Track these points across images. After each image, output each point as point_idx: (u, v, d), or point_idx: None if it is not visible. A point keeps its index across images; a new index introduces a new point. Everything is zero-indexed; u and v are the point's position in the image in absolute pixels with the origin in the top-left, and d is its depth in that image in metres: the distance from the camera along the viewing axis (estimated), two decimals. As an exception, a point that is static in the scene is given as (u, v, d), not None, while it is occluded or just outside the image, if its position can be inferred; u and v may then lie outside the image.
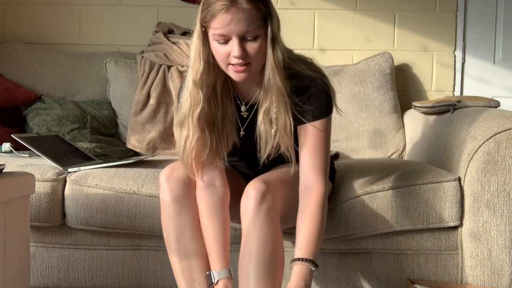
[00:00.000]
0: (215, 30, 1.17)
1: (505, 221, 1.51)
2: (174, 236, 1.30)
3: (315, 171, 1.27)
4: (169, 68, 2.25)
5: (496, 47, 2.52)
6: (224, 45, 1.19)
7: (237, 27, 1.16)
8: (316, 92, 1.27)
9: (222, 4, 1.14)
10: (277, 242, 1.23)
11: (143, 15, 2.50)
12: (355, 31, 2.49)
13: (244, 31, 1.16)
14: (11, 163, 1.62)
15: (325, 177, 1.29)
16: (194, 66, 1.24)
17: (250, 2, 1.15)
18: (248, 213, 1.22)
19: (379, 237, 1.57)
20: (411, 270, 1.59)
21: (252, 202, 1.21)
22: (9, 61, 2.35)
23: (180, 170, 1.32)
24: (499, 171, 1.50)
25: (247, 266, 1.20)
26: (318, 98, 1.27)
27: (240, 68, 1.20)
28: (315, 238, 1.22)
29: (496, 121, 1.52)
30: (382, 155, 2.19)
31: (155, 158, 2.01)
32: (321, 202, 1.25)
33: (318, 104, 1.27)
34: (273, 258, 1.21)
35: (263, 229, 1.21)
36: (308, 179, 1.28)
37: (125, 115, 2.25)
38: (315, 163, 1.28)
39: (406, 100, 2.39)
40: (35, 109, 2.13)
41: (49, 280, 1.62)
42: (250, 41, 1.18)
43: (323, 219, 1.25)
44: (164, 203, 1.31)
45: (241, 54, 1.17)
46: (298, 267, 1.19)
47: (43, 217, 1.54)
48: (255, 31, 1.18)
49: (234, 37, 1.17)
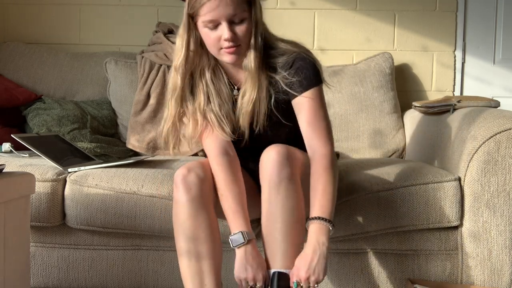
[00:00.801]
0: (204, 16, 1.26)
1: (505, 221, 1.51)
2: (188, 237, 1.27)
3: (317, 136, 1.33)
4: (169, 68, 2.24)
5: (496, 47, 2.52)
6: (214, 30, 1.28)
7: (225, 10, 1.25)
8: (303, 63, 1.35)
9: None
10: (301, 207, 1.27)
11: (143, 15, 2.50)
12: (355, 31, 2.49)
13: (232, 14, 1.26)
14: (11, 163, 1.62)
15: (328, 139, 1.34)
16: (176, 53, 1.36)
17: None
18: (271, 179, 1.25)
19: (379, 237, 1.57)
20: (411, 270, 1.59)
21: (275, 167, 1.24)
22: (9, 61, 2.35)
23: (196, 170, 1.31)
24: (499, 171, 1.50)
25: (273, 233, 1.24)
26: (306, 69, 1.34)
27: (232, 49, 1.29)
28: (328, 197, 1.26)
29: (496, 121, 1.52)
30: (382, 155, 2.19)
31: (155, 158, 2.01)
32: (329, 163, 1.30)
33: (306, 75, 1.34)
34: (297, 223, 1.25)
35: (287, 196, 1.24)
36: (312, 145, 1.33)
37: (125, 115, 2.25)
38: (316, 129, 1.33)
39: (406, 100, 2.39)
40: (35, 109, 2.13)
41: (49, 280, 1.62)
42: (238, 24, 1.28)
43: (335, 178, 1.29)
44: (180, 203, 1.29)
45: (231, 36, 1.27)
46: (315, 225, 1.23)
47: (43, 217, 1.54)
48: (242, 14, 1.27)
49: (223, 21, 1.26)
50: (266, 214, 1.27)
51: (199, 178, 1.30)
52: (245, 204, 1.32)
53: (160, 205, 1.52)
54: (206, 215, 1.29)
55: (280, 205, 1.24)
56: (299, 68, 1.34)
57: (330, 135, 1.34)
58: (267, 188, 1.26)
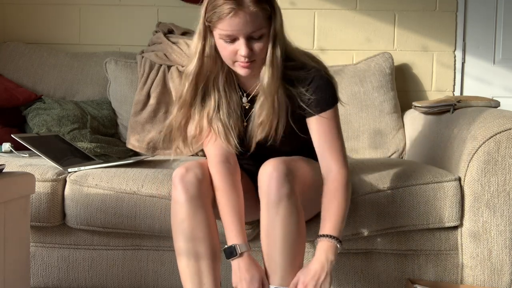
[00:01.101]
0: (222, 31, 1.22)
1: (505, 221, 1.51)
2: (186, 237, 1.27)
3: (331, 157, 1.32)
4: (169, 68, 2.25)
5: (496, 47, 2.52)
6: (230, 44, 1.24)
7: (244, 28, 1.21)
8: (321, 83, 1.32)
9: (229, 8, 1.18)
10: (301, 225, 1.26)
11: (143, 15, 2.50)
12: (355, 31, 2.49)
13: (250, 32, 1.22)
14: (11, 163, 1.62)
15: (344, 159, 1.33)
16: (189, 60, 1.32)
17: (256, 4, 1.19)
18: (269, 198, 1.23)
19: (379, 237, 1.57)
20: (411, 270, 1.59)
21: (273, 185, 1.22)
22: (9, 61, 2.35)
23: (195, 170, 1.30)
24: (499, 171, 1.50)
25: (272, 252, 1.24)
26: (324, 89, 1.32)
27: (247, 64, 1.25)
28: (340, 216, 1.26)
29: (496, 121, 1.52)
30: (382, 155, 2.19)
31: (155, 158, 2.01)
32: (344, 184, 1.30)
33: (324, 95, 1.32)
34: (297, 241, 1.25)
35: (286, 216, 1.22)
36: (326, 165, 1.33)
37: (125, 115, 2.25)
38: (330, 150, 1.33)
39: (406, 100, 2.39)
40: (35, 109, 2.13)
41: (49, 280, 1.62)
42: (256, 40, 1.24)
43: (347, 200, 1.30)
44: (178, 203, 1.28)
45: (248, 53, 1.23)
46: (324, 243, 1.24)
47: (43, 217, 1.54)
48: (261, 30, 1.23)
49: (241, 37, 1.22)
50: (266, 232, 1.25)
51: (197, 178, 1.29)
52: (242, 215, 1.30)
53: (160, 205, 1.52)
54: (204, 215, 1.28)
55: (279, 226, 1.22)
56: (317, 88, 1.32)
57: (344, 156, 1.34)
58: (265, 206, 1.25)
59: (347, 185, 1.30)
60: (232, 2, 1.18)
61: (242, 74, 1.29)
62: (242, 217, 1.30)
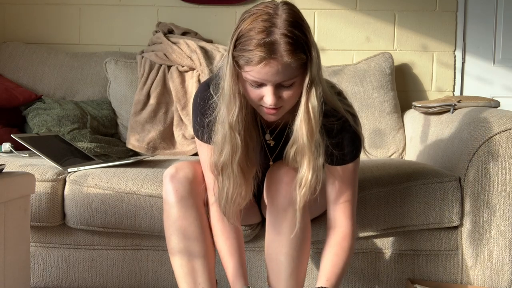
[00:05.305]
0: (249, 75, 1.08)
1: (505, 221, 1.51)
2: (178, 238, 1.26)
3: (342, 211, 1.27)
4: (169, 68, 2.25)
5: (496, 47, 2.52)
6: (256, 88, 1.10)
7: (273, 77, 1.06)
8: (348, 137, 1.22)
9: (261, 57, 1.03)
10: (307, 230, 1.24)
11: (143, 15, 2.50)
12: (355, 31, 2.49)
13: (280, 81, 1.07)
14: (11, 163, 1.62)
15: (353, 218, 1.28)
16: (229, 107, 1.13)
17: (291, 55, 1.04)
18: (278, 203, 1.21)
19: (379, 237, 1.57)
20: (411, 270, 1.59)
21: (284, 190, 1.20)
22: (9, 61, 2.35)
23: (185, 170, 1.28)
24: (499, 171, 1.50)
25: (278, 257, 1.22)
26: (350, 144, 1.23)
27: (272, 111, 1.12)
28: (339, 270, 1.23)
29: (496, 121, 1.52)
30: (382, 155, 2.19)
31: (155, 158, 2.01)
32: (349, 244, 1.26)
33: (349, 150, 1.23)
34: (303, 246, 1.23)
35: (294, 221, 1.19)
36: (336, 219, 1.27)
37: (125, 115, 2.25)
38: (343, 204, 1.27)
39: (406, 100, 2.39)
40: (35, 109, 2.13)
41: (49, 280, 1.62)
42: (286, 88, 1.09)
43: (350, 256, 1.26)
44: (169, 204, 1.27)
45: (275, 102, 1.09)
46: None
47: (43, 217, 1.54)
48: (293, 79, 1.08)
49: (269, 85, 1.08)
50: (272, 238, 1.24)
51: (187, 178, 1.27)
52: (241, 255, 1.27)
53: (160, 205, 1.52)
54: (196, 214, 1.27)
55: (287, 231, 1.21)
56: (344, 141, 1.22)
57: (354, 213, 1.28)
58: (273, 209, 1.23)
59: (352, 247, 1.27)
60: (265, 50, 1.03)
61: (266, 119, 1.17)
62: (242, 259, 1.27)
